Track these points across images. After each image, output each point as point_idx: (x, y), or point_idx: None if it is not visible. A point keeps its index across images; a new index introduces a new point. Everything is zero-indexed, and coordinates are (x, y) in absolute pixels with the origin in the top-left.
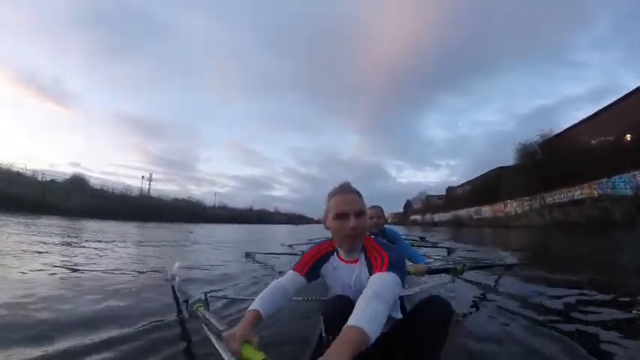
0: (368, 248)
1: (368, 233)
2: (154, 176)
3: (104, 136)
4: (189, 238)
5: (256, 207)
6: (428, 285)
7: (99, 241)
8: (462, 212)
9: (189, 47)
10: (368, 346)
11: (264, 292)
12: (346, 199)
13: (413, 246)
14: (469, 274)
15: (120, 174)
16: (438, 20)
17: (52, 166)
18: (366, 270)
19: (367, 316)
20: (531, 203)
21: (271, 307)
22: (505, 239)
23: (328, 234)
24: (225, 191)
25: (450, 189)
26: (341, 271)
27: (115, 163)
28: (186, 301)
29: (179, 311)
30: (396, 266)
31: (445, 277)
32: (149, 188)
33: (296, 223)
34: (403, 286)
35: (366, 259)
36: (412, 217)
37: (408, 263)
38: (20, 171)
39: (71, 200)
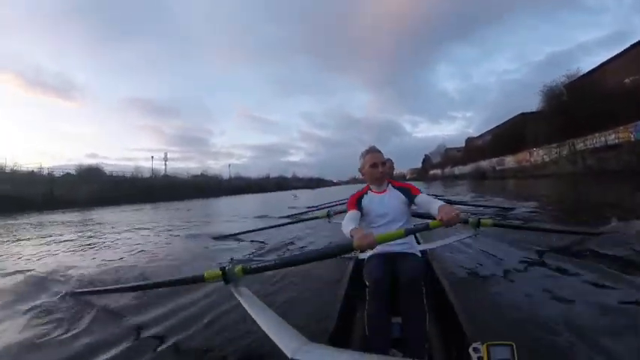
0: (392, 183)
1: None
2: (172, 155)
3: (117, 123)
4: (175, 221)
5: (274, 174)
6: (448, 240)
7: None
8: (484, 164)
9: (193, 20)
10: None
11: (346, 222)
12: (375, 155)
13: None
14: (493, 230)
15: (138, 158)
16: None
17: (69, 160)
18: (395, 193)
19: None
20: (560, 150)
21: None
22: (531, 190)
23: (342, 196)
24: (242, 162)
25: (469, 140)
26: (376, 197)
27: (132, 148)
28: (223, 269)
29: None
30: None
31: (466, 230)
32: (165, 168)
33: (313, 188)
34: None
35: (393, 187)
36: (432, 172)
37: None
38: (35, 170)
39: (79, 191)
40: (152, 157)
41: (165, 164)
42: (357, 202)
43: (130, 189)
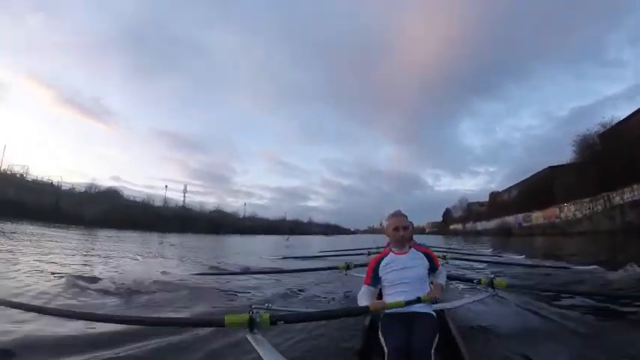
0: (415, 247)
1: None
2: (193, 189)
3: (144, 152)
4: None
5: (291, 217)
6: (464, 300)
7: None
8: (509, 219)
9: (223, 62)
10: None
11: (361, 299)
12: (398, 219)
13: (445, 258)
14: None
15: (158, 187)
16: (469, 24)
17: (94, 179)
18: (417, 256)
19: (442, 279)
20: (593, 205)
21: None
22: (560, 248)
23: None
24: (262, 202)
25: (493, 194)
26: (396, 259)
27: (156, 177)
28: (250, 316)
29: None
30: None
31: (484, 291)
32: (184, 199)
33: (327, 234)
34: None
35: (416, 251)
36: (452, 227)
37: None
38: (55, 183)
39: (89, 209)
40: (166, 186)
41: (185, 196)
42: (374, 271)
43: (140, 215)
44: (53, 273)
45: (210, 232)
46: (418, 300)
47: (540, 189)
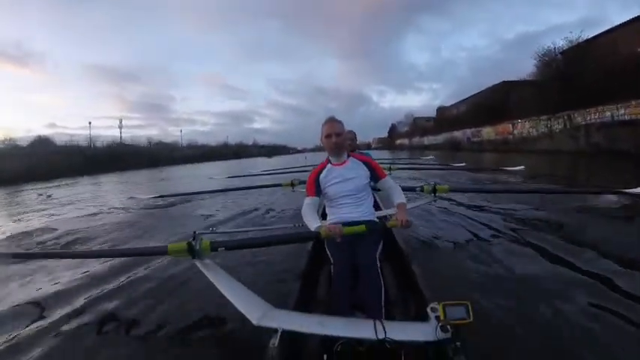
0: (353, 156)
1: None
2: (133, 123)
3: (78, 91)
4: None
5: (235, 141)
6: (409, 205)
7: None
8: (458, 134)
9: None
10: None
11: (306, 219)
12: (330, 125)
13: (391, 169)
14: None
15: (99, 126)
16: None
17: (28, 131)
18: (356, 165)
19: (400, 196)
20: (551, 123)
21: (319, 222)
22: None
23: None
24: (205, 129)
25: (441, 109)
26: (335, 170)
27: (93, 116)
28: (189, 243)
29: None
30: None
31: (426, 197)
32: (120, 135)
33: (270, 156)
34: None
35: (355, 160)
36: (399, 142)
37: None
38: None
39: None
40: (89, 122)
41: (121, 131)
42: (315, 182)
43: (64, 161)
44: None
45: (150, 167)
46: (384, 225)
47: (492, 104)
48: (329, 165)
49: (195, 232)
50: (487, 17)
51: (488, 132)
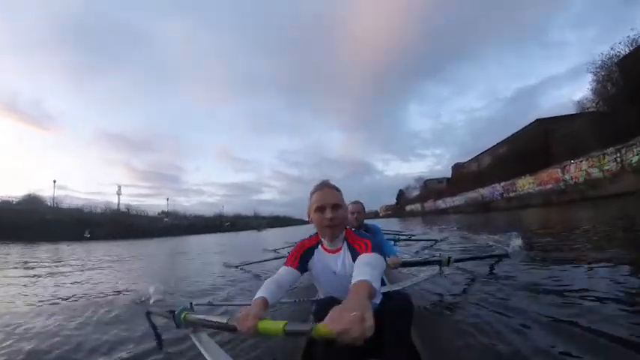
0: (350, 239)
1: (350, 227)
2: (142, 192)
3: (89, 156)
4: None
5: (246, 212)
6: (416, 279)
7: None
8: (483, 192)
9: (171, 55)
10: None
11: (264, 285)
12: (324, 194)
13: (397, 241)
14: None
15: (107, 192)
16: (414, 10)
17: (39, 190)
18: (349, 256)
19: (369, 274)
20: (622, 156)
21: (274, 296)
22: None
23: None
24: (214, 200)
25: (457, 166)
26: (326, 260)
27: (103, 182)
28: (172, 312)
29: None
30: (379, 249)
31: (432, 270)
32: (118, 202)
33: (258, 229)
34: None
35: (349, 247)
36: (409, 208)
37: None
38: None
39: None
40: (54, 181)
41: (119, 198)
42: (302, 255)
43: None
44: None
45: (123, 237)
46: (309, 332)
47: (527, 150)
48: (320, 248)
49: (190, 304)
50: (484, 79)
51: (526, 183)
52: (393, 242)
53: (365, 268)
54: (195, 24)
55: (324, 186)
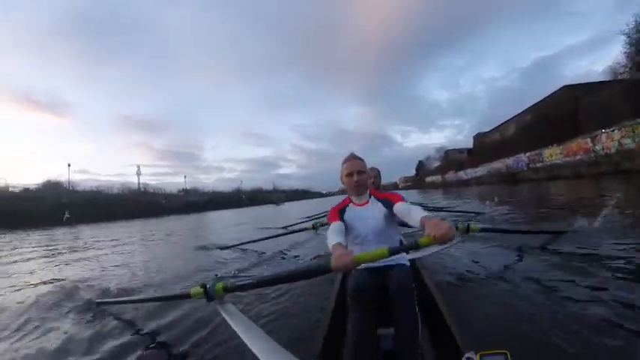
0: (375, 194)
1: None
2: (162, 170)
3: (109, 139)
4: None
5: (266, 186)
6: (437, 247)
7: None
8: (508, 161)
9: (183, 39)
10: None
11: (330, 236)
12: (352, 164)
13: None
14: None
15: (129, 174)
16: None
17: (59, 175)
18: (378, 205)
19: (426, 213)
20: None
21: (343, 240)
22: None
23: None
24: (233, 176)
25: (479, 136)
26: (356, 211)
27: (124, 163)
28: (204, 285)
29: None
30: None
31: (458, 236)
32: (138, 182)
33: (277, 203)
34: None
35: (376, 199)
36: (429, 179)
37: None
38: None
39: None
40: (69, 164)
41: (139, 178)
42: (339, 213)
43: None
44: None
45: (142, 216)
46: (417, 245)
47: (554, 118)
48: (350, 204)
49: (216, 275)
50: (501, 49)
51: (552, 153)
52: None
53: (422, 212)
54: (201, 9)
55: (352, 157)
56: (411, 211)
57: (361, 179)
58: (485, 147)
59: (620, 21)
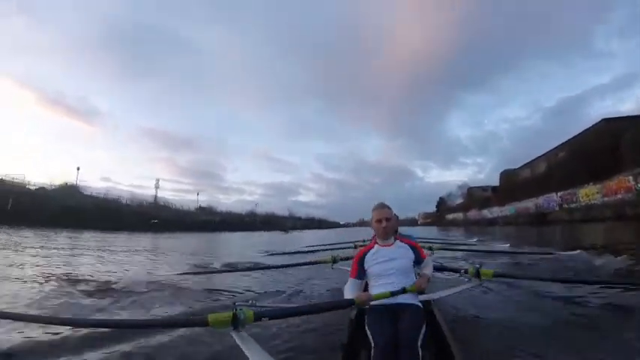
0: (399, 238)
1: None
2: (183, 187)
3: (133, 151)
4: None
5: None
6: (451, 290)
7: None
8: (538, 201)
9: (211, 60)
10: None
11: (346, 291)
12: (381, 212)
13: (431, 249)
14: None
15: (149, 186)
16: (457, 19)
17: (82, 181)
18: (402, 246)
19: (429, 271)
20: None
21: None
22: None
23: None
24: (253, 199)
25: (506, 173)
26: (382, 251)
27: (147, 176)
28: (234, 313)
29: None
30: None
31: (469, 281)
32: (155, 195)
33: (286, 231)
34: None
35: (401, 242)
36: (450, 217)
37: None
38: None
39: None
40: (78, 168)
41: (156, 190)
42: (359, 263)
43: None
44: None
45: (149, 230)
46: (403, 290)
47: (590, 153)
48: (376, 246)
49: (234, 304)
50: (526, 89)
51: (589, 192)
52: (428, 249)
53: (427, 268)
54: (236, 34)
55: (381, 206)
56: (424, 266)
57: (388, 226)
58: (513, 184)
59: None
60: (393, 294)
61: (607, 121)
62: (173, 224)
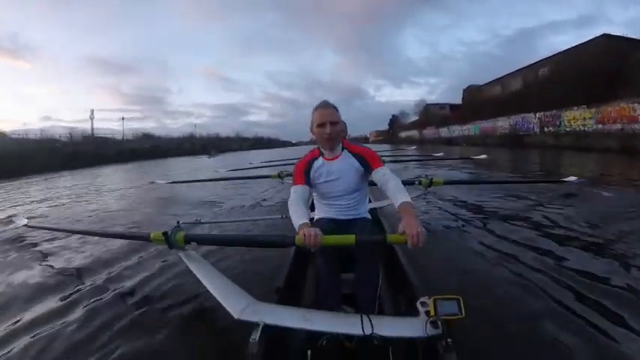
0: (349, 147)
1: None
2: (131, 115)
3: (74, 84)
4: None
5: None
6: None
7: None
8: (512, 122)
9: None
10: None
11: (291, 210)
12: (324, 113)
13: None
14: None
15: (100, 119)
16: None
17: (24, 124)
18: (349, 161)
19: (407, 195)
20: None
21: (307, 215)
22: None
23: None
24: (202, 121)
25: (471, 89)
26: (327, 166)
27: (89, 109)
28: (165, 233)
29: None
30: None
31: (419, 190)
32: (92, 127)
33: (210, 154)
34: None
35: (350, 153)
36: (404, 134)
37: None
38: None
39: None
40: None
41: (92, 122)
42: (304, 171)
43: None
44: None
45: (66, 168)
46: (383, 241)
47: (589, 73)
48: (320, 158)
49: (178, 223)
50: (486, 12)
51: (578, 117)
52: None
53: (401, 192)
54: None
55: (325, 105)
56: (389, 182)
57: (334, 131)
58: (478, 102)
59: (606, 7)
60: (358, 244)
61: (608, 38)
62: (95, 157)
